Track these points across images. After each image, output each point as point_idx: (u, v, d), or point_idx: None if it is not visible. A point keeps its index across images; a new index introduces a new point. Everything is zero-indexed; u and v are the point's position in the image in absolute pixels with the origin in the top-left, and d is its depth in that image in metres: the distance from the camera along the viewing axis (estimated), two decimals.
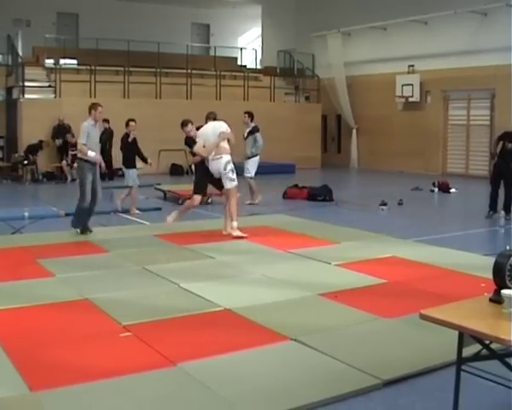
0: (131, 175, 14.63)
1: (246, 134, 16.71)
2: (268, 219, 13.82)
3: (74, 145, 22.77)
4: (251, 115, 17.15)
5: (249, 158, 16.68)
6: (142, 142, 15.96)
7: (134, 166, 14.77)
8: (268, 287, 8.27)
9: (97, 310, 7.20)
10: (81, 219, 11.78)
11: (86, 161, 11.62)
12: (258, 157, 16.86)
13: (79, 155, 11.78)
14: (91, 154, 11.55)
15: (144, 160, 14.88)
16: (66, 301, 7.57)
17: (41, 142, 22.59)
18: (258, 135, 16.83)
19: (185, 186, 17.48)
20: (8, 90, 24.35)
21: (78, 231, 11.74)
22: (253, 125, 16.94)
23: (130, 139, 14.69)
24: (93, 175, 11.72)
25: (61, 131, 23.06)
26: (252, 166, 16.61)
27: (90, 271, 9.12)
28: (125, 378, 5.33)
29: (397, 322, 6.80)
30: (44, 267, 9.27)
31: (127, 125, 14.94)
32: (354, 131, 28.97)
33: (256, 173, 16.53)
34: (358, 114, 28.59)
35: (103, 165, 12.14)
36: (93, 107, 11.99)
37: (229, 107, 26.91)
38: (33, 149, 22.47)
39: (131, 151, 14.79)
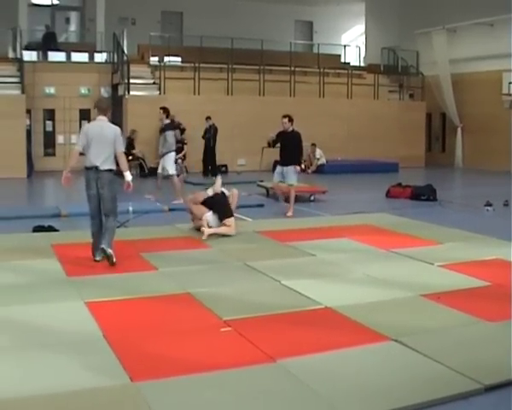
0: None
1: (159, 131, 15.88)
2: (370, 217, 13.70)
3: (179, 142, 23.21)
4: (166, 111, 16.12)
5: (162, 156, 15.91)
6: (246, 138, 16.15)
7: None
8: (370, 286, 8.20)
9: (198, 304, 7.30)
10: None
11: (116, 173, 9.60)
12: (173, 153, 16.05)
13: (111, 167, 9.41)
14: (130, 177, 9.58)
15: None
16: (168, 295, 7.72)
17: (129, 138, 22.91)
18: (168, 133, 15.86)
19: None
20: (114, 87, 24.97)
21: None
22: (167, 121, 16.04)
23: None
24: None
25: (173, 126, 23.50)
26: (168, 164, 15.80)
27: (192, 266, 9.26)
28: (224, 373, 5.38)
29: (500, 326, 6.61)
30: (148, 261, 9.48)
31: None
32: (459, 130, 28.38)
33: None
34: (464, 112, 27.99)
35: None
36: (109, 106, 10.16)
37: (332, 104, 26.93)
38: (127, 147, 22.92)
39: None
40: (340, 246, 10.82)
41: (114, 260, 9.11)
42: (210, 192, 11.67)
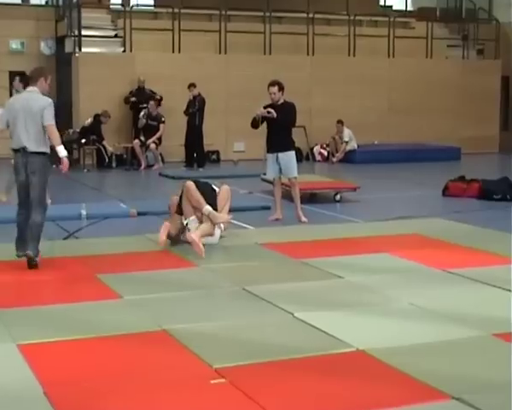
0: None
1: None
2: (420, 224, 13.73)
3: (154, 119, 23.23)
4: (24, 80, 16.30)
5: None
6: (245, 114, 16.12)
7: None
8: (418, 321, 8.22)
9: (179, 346, 7.31)
10: None
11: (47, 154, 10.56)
12: None
13: (43, 149, 10.33)
14: (64, 152, 10.55)
15: None
16: (136, 334, 7.72)
17: (98, 116, 22.99)
18: None
19: (307, 177, 17.50)
20: (60, 41, 24.92)
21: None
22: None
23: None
24: None
25: (141, 97, 23.49)
26: None
27: (170, 292, 9.29)
28: None
29: None
30: (107, 286, 9.50)
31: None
32: None
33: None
34: None
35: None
36: (44, 73, 10.83)
37: (366, 66, 26.91)
38: (89, 130, 22.97)
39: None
40: (377, 264, 10.87)
41: (37, 261, 10.16)
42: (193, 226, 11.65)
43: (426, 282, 9.88)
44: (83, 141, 22.85)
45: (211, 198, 11.81)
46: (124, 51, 24.62)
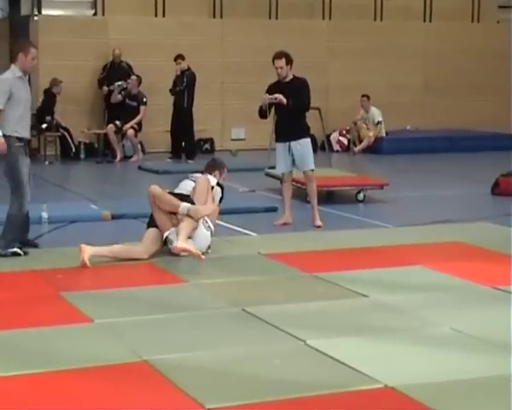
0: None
1: None
2: (463, 230, 13.78)
3: (132, 98, 23.20)
4: None
5: None
6: (245, 93, 16.19)
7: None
8: (462, 350, 8.20)
9: (163, 381, 7.28)
10: (16, 232, 12.12)
11: (17, 137, 11.88)
12: None
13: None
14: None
15: None
16: (110, 366, 7.69)
17: (48, 90, 22.92)
18: None
19: (323, 171, 17.53)
20: (14, 1, 24.86)
21: (14, 251, 11.94)
22: None
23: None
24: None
25: (117, 73, 23.44)
26: None
27: (153, 314, 9.31)
28: None
29: None
30: (74, 306, 9.50)
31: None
32: None
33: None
34: None
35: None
36: (22, 48, 11.82)
37: (396, 33, 26.90)
38: (45, 110, 22.92)
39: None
40: (409, 279, 10.91)
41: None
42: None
43: (471, 302, 9.90)
44: (43, 126, 22.76)
45: (184, 200, 11.70)
46: (94, 15, 24.62)
